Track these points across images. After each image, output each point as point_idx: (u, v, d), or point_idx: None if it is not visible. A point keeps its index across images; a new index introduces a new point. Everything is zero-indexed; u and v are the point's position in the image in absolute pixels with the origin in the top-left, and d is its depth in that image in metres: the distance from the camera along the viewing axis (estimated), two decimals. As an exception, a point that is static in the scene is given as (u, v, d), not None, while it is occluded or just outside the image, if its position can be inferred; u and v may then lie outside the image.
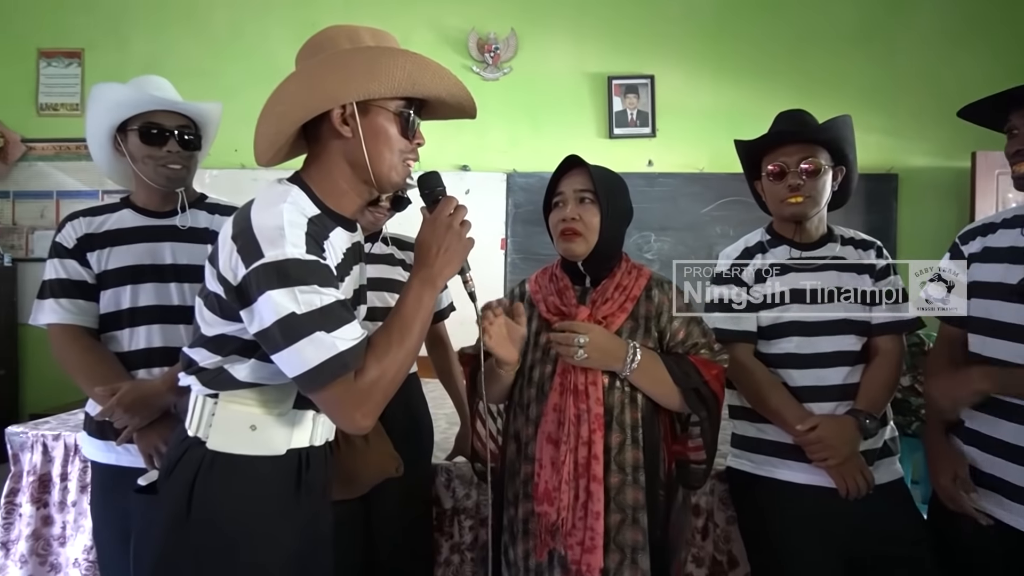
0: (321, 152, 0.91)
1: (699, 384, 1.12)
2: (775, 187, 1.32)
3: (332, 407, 0.84)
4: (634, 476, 1.12)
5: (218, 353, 0.89)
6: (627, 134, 3.52)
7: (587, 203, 1.16)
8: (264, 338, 0.81)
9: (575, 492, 1.09)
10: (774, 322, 1.32)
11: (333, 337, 0.80)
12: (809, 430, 1.22)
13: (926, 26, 3.42)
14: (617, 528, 1.10)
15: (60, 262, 1.27)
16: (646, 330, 1.17)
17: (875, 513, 1.22)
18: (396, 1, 3.58)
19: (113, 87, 1.26)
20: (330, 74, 0.86)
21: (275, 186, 0.91)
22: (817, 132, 1.31)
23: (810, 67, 3.46)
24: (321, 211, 0.90)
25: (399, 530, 1.42)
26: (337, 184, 0.91)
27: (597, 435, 1.10)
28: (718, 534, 1.48)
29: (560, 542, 1.09)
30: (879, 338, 1.31)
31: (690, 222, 3.48)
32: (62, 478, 1.73)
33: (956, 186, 3.33)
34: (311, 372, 0.79)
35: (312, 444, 0.95)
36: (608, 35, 3.54)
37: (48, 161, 3.72)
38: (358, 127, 0.87)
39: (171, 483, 0.89)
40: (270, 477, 0.90)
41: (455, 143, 3.55)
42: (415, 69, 0.88)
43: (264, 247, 0.80)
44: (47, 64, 3.72)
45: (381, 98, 0.88)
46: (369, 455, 1.13)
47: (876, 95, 3.42)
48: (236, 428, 0.89)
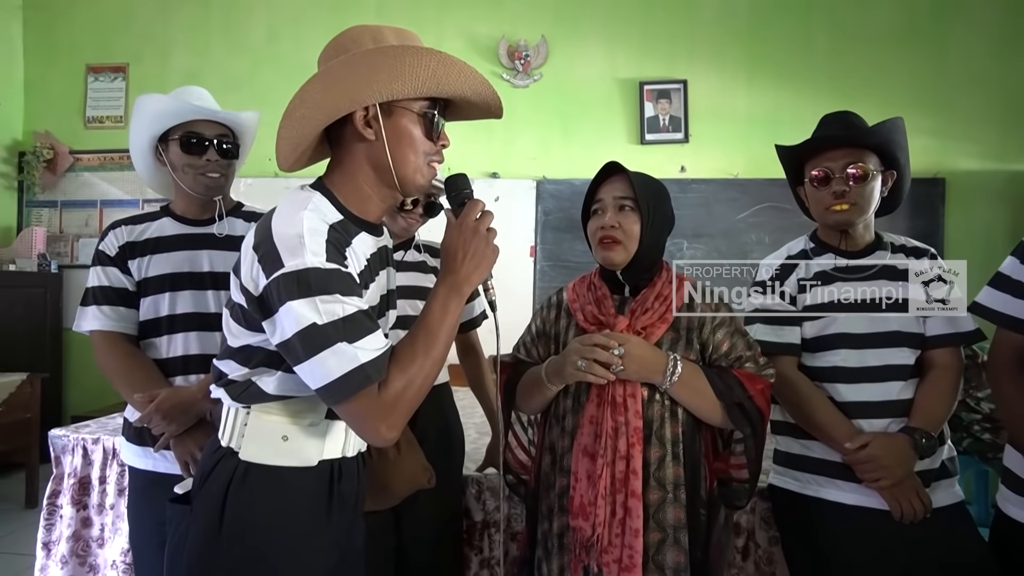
0: (344, 156, 0.89)
1: (743, 399, 1.07)
2: (819, 193, 1.26)
3: (356, 419, 0.82)
4: (675, 494, 1.07)
5: (246, 365, 0.88)
6: (659, 140, 3.48)
7: (627, 211, 1.13)
8: (286, 349, 0.80)
9: (612, 508, 1.05)
10: (819, 333, 1.26)
11: (355, 348, 0.78)
12: (860, 448, 1.16)
13: (976, 24, 3.29)
14: (657, 548, 1.06)
15: (103, 269, 1.30)
16: (688, 342, 1.13)
17: (933, 539, 1.15)
18: (428, 9, 3.62)
19: (155, 98, 1.29)
20: (352, 75, 0.83)
21: (297, 193, 0.89)
22: (865, 136, 1.25)
23: (851, 68, 3.36)
24: (344, 216, 0.88)
25: (429, 543, 1.40)
26: (361, 188, 0.89)
27: (636, 449, 1.06)
28: (759, 555, 1.42)
29: (595, 559, 1.05)
30: (934, 351, 1.24)
31: (725, 229, 3.41)
32: (101, 481, 1.77)
33: (1008, 190, 3.18)
34: (333, 384, 0.77)
35: (344, 455, 0.94)
36: (639, 40, 3.51)
37: (93, 171, 3.87)
38: (381, 129, 0.85)
39: (204, 493, 0.88)
40: (302, 488, 0.88)
41: (485, 150, 3.56)
42: (439, 68, 0.85)
43: (284, 256, 0.78)
44: (94, 79, 3.88)
45: (405, 99, 0.86)
46: (402, 466, 1.12)
47: (922, 96, 3.30)
48: (268, 439, 0.88)
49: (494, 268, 0.91)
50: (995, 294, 1.12)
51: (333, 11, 3.66)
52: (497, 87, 3.54)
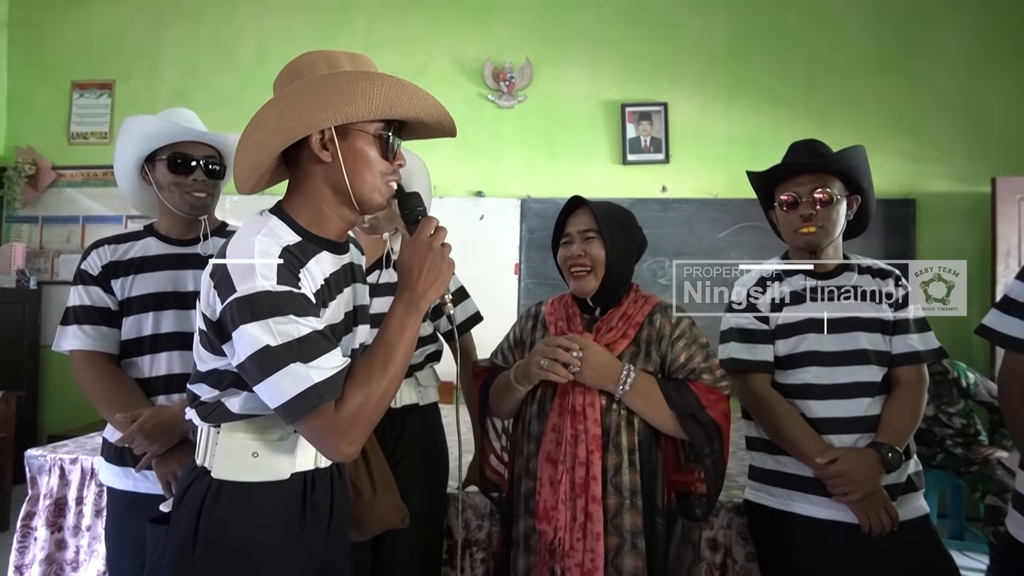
0: (302, 178, 0.91)
1: (696, 410, 1.12)
2: (788, 216, 1.32)
3: (315, 437, 0.83)
4: (632, 500, 1.12)
5: (216, 387, 0.89)
6: (641, 160, 3.55)
7: (592, 241, 1.20)
8: (243, 371, 0.82)
9: (572, 512, 1.10)
10: (791, 352, 1.31)
11: (309, 368, 0.79)
12: (829, 463, 1.20)
13: (945, 52, 3.42)
14: (616, 552, 1.10)
15: (85, 289, 1.30)
16: (647, 354, 1.19)
17: (900, 551, 1.18)
18: (416, 31, 3.69)
19: (144, 119, 1.31)
20: (307, 100, 0.85)
21: (254, 219, 0.91)
22: (829, 162, 1.31)
23: (826, 93, 3.48)
24: (303, 238, 0.89)
25: (408, 564, 1.40)
26: (320, 209, 0.91)
27: (595, 456, 1.11)
28: (737, 570, 1.44)
29: (559, 563, 1.09)
30: (900, 368, 1.28)
31: (706, 248, 3.47)
32: (78, 502, 1.74)
33: (976, 212, 3.29)
34: (288, 404, 0.79)
35: (317, 466, 0.94)
36: (622, 63, 3.60)
37: (76, 187, 3.85)
38: (337, 151, 0.87)
39: (179, 513, 0.89)
40: (276, 502, 0.89)
41: (471, 169, 3.61)
42: (391, 91, 0.88)
43: (236, 281, 0.81)
44: (80, 95, 3.88)
45: (360, 121, 0.88)
46: (376, 506, 1.14)
47: (894, 121, 3.42)
48: (238, 456, 0.89)
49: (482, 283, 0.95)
50: (1003, 317, 1.11)
51: (323, 31, 3.72)
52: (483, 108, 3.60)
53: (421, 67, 3.66)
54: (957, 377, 2.61)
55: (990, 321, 1.14)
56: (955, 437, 2.66)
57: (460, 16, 3.68)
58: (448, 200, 3.56)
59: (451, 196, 3.57)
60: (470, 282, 1.62)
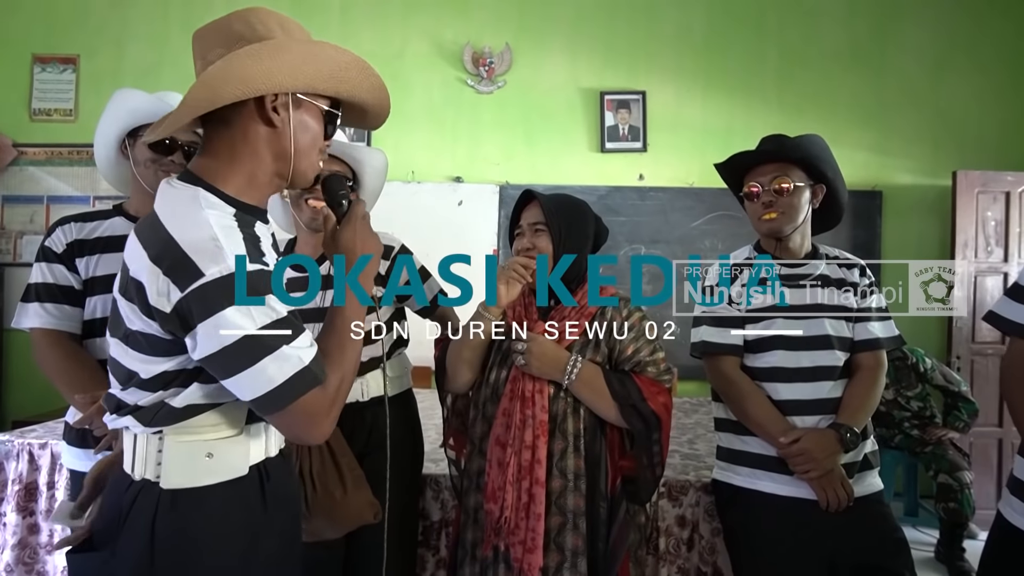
0: (238, 139, 0.83)
1: (637, 401, 1.17)
2: (753, 205, 1.37)
3: (300, 421, 0.79)
4: (575, 483, 1.17)
5: (160, 389, 0.80)
6: (619, 148, 3.58)
7: (541, 234, 1.24)
8: (216, 362, 0.74)
9: (518, 493, 1.15)
10: (759, 336, 1.35)
11: (296, 349, 0.76)
12: (792, 443, 1.25)
13: (912, 48, 3.51)
14: (558, 530, 1.16)
15: (48, 266, 1.28)
16: (596, 345, 1.23)
17: (854, 525, 1.25)
18: (393, 14, 3.63)
19: (136, 93, 1.29)
20: (288, 60, 0.81)
21: (175, 191, 0.82)
22: (784, 151, 1.35)
23: (799, 85, 3.54)
24: (237, 208, 0.83)
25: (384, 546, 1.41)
26: (254, 175, 0.85)
27: (541, 441, 1.16)
28: (703, 546, 1.50)
29: (503, 539, 1.15)
30: (861, 354, 1.34)
31: (681, 236, 3.53)
32: (49, 486, 1.72)
33: (938, 204, 3.41)
34: (279, 390, 0.74)
35: (268, 455, 0.90)
36: (601, 51, 3.60)
37: (39, 166, 3.71)
38: (289, 119, 0.83)
39: (126, 534, 0.80)
40: (237, 500, 0.84)
41: (449, 155, 3.59)
42: (360, 75, 0.87)
43: (202, 264, 0.72)
44: (42, 69, 3.72)
45: (320, 95, 0.86)
46: (348, 504, 1.15)
47: (863, 114, 3.50)
48: (191, 460, 0.81)
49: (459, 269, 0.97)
50: (1012, 305, 1.10)
51: (295, 9, 3.62)
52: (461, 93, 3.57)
53: (398, 50, 3.61)
54: (915, 362, 2.73)
55: (999, 308, 1.12)
56: (912, 419, 2.78)
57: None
58: (426, 185, 3.54)
59: (429, 181, 3.55)
60: (449, 268, 1.62)
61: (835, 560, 1.25)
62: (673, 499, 1.52)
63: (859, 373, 1.33)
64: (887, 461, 2.78)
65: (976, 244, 3.18)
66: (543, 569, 1.13)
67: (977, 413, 2.69)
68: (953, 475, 2.58)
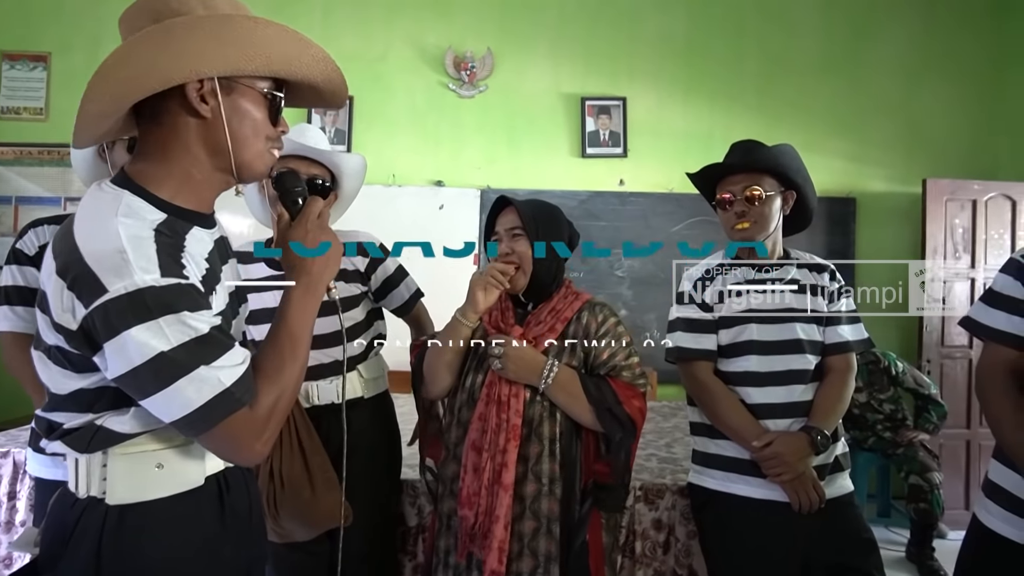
0: (167, 136, 0.76)
1: (613, 405, 1.18)
2: (725, 214, 1.39)
3: (227, 443, 0.73)
4: (551, 487, 1.17)
5: (85, 410, 0.73)
6: (599, 154, 3.60)
7: (518, 238, 1.25)
8: (129, 383, 0.68)
9: (491, 498, 1.14)
10: (733, 341, 1.37)
11: (215, 370, 0.69)
12: (764, 446, 1.27)
13: (885, 59, 3.60)
14: (532, 535, 1.16)
15: (19, 268, 1.26)
16: (571, 350, 1.24)
17: (827, 526, 1.27)
18: (375, 18, 3.61)
19: None
20: (196, 40, 0.71)
21: (97, 195, 0.74)
22: (755, 161, 1.37)
23: (777, 94, 3.60)
24: (169, 214, 0.75)
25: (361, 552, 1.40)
26: (189, 174, 0.77)
27: (511, 445, 1.16)
28: (679, 548, 1.51)
29: (478, 546, 1.14)
30: (831, 357, 1.37)
31: (661, 240, 3.55)
32: (10, 496, 1.67)
33: (909, 210, 3.50)
34: (196, 413, 0.68)
35: (227, 465, 0.84)
36: (583, 57, 3.63)
37: (8, 166, 3.61)
38: (220, 106, 0.75)
39: (71, 556, 0.73)
40: (193, 513, 0.78)
41: (431, 159, 3.59)
42: (295, 47, 0.77)
43: (105, 279, 0.65)
44: (10, 67, 3.63)
45: (249, 76, 0.76)
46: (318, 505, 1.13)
47: (839, 123, 3.58)
48: (139, 473, 0.75)
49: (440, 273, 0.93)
50: (988, 310, 1.12)
51: (276, 11, 3.59)
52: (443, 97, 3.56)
53: (381, 53, 3.59)
54: (888, 366, 2.78)
55: (975, 313, 1.15)
56: (885, 422, 2.84)
57: (421, 3, 3.62)
58: (408, 189, 3.53)
59: (411, 185, 3.54)
60: (429, 271, 1.62)
61: (807, 561, 1.27)
62: (649, 503, 1.54)
63: (829, 376, 1.36)
64: (861, 463, 2.83)
65: (945, 250, 3.26)
66: (517, 574, 1.13)
67: (946, 415, 2.75)
68: (923, 476, 2.63)
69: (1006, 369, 1.10)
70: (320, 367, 1.36)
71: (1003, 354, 1.10)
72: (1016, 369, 1.09)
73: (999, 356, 1.11)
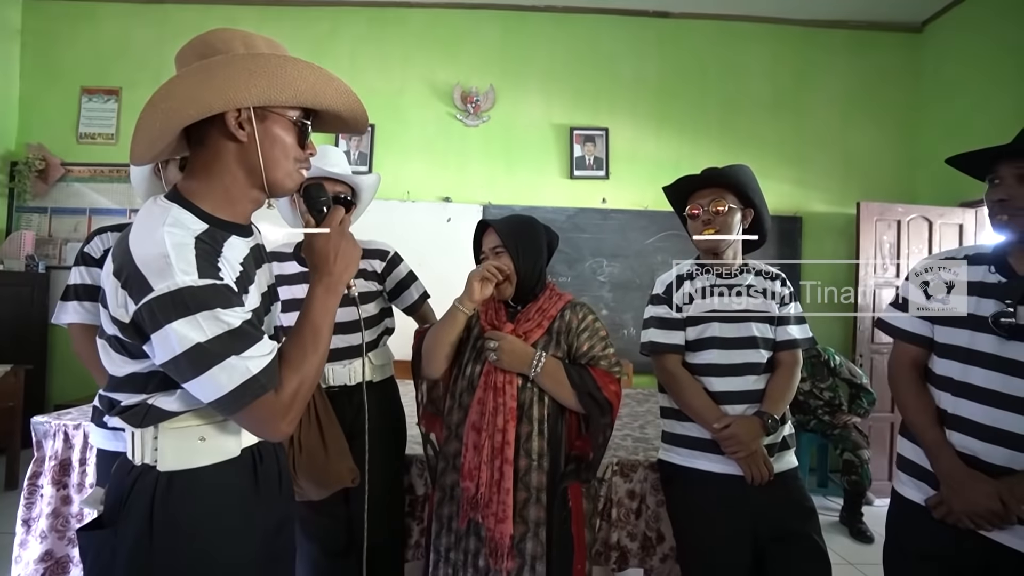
0: (211, 158, 0.77)
1: (593, 390, 1.17)
2: (694, 224, 1.38)
3: (255, 423, 0.73)
4: (539, 462, 1.16)
5: (139, 391, 0.75)
6: (585, 176, 3.58)
7: (502, 255, 1.24)
8: (172, 369, 0.69)
9: (491, 471, 1.13)
10: (698, 337, 1.35)
11: (245, 360, 0.69)
12: (723, 428, 1.25)
13: (824, 102, 3.61)
14: (523, 504, 1.14)
15: (86, 269, 1.24)
16: (557, 343, 1.23)
17: (774, 496, 1.25)
18: (394, 59, 3.60)
19: None
20: (232, 75, 0.72)
21: (151, 208, 0.75)
22: (719, 177, 1.36)
23: (735, 128, 3.60)
24: (210, 224, 0.75)
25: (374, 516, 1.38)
26: (229, 191, 0.77)
27: (510, 425, 1.14)
28: (649, 514, 1.49)
29: (479, 513, 1.13)
30: (781, 353, 1.35)
31: (637, 251, 3.55)
32: (81, 463, 1.64)
33: (846, 228, 3.49)
34: (227, 396, 0.69)
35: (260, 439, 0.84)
36: (571, 94, 3.61)
37: (84, 182, 3.59)
38: (255, 132, 0.75)
39: (127, 515, 0.75)
40: (231, 480, 0.78)
41: (440, 178, 3.57)
42: (319, 82, 0.77)
43: (152, 279, 0.66)
44: (88, 99, 3.61)
45: (281, 106, 0.76)
46: (329, 467, 1.11)
47: (786, 153, 3.57)
48: (185, 444, 0.76)
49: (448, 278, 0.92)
50: (895, 313, 1.18)
51: (312, 54, 3.57)
52: (451, 126, 3.55)
53: (399, 88, 3.58)
54: (827, 359, 2.77)
55: (885, 316, 1.21)
56: (824, 407, 2.82)
57: (433, 46, 3.61)
58: (420, 204, 3.50)
59: (423, 200, 3.52)
60: (437, 277, 1.62)
61: (757, 525, 1.25)
62: (624, 476, 1.52)
63: (779, 369, 1.34)
64: (803, 442, 2.82)
65: (875, 262, 3.25)
66: (511, 537, 1.11)
67: (875, 402, 2.74)
68: (855, 453, 2.62)
69: (910, 363, 1.15)
70: (336, 350, 1.36)
71: (907, 350, 1.15)
72: (917, 363, 1.14)
73: (905, 352, 1.16)
